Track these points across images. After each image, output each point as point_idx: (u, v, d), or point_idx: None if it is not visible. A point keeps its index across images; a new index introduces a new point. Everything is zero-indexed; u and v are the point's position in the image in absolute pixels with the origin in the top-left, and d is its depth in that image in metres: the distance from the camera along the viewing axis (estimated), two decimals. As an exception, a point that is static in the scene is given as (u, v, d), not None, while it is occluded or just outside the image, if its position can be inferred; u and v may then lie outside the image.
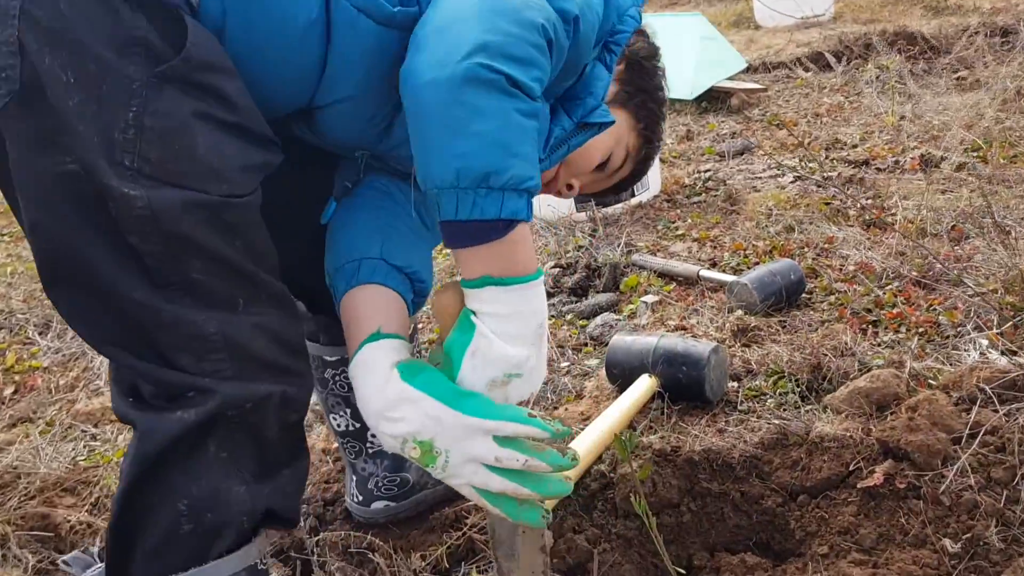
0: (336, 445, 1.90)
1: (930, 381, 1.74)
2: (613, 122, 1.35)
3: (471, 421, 1.08)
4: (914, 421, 1.52)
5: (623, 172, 1.49)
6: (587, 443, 1.72)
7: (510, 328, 1.10)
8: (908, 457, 1.51)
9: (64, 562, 1.14)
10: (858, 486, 1.52)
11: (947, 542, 1.40)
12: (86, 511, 1.81)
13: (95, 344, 1.10)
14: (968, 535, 1.39)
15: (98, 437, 2.13)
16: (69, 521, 1.74)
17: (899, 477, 1.49)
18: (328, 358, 1.64)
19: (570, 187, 1.46)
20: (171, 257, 1.01)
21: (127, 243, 0.99)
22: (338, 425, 1.70)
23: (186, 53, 1.00)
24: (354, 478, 1.74)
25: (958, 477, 1.46)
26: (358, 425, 1.67)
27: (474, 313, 1.11)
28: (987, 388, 1.59)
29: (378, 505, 1.72)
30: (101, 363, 2.48)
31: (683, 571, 1.46)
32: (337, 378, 1.65)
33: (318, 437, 2.04)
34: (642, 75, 1.43)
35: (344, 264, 1.30)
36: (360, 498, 1.73)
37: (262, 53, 1.11)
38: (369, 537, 1.67)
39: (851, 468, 1.56)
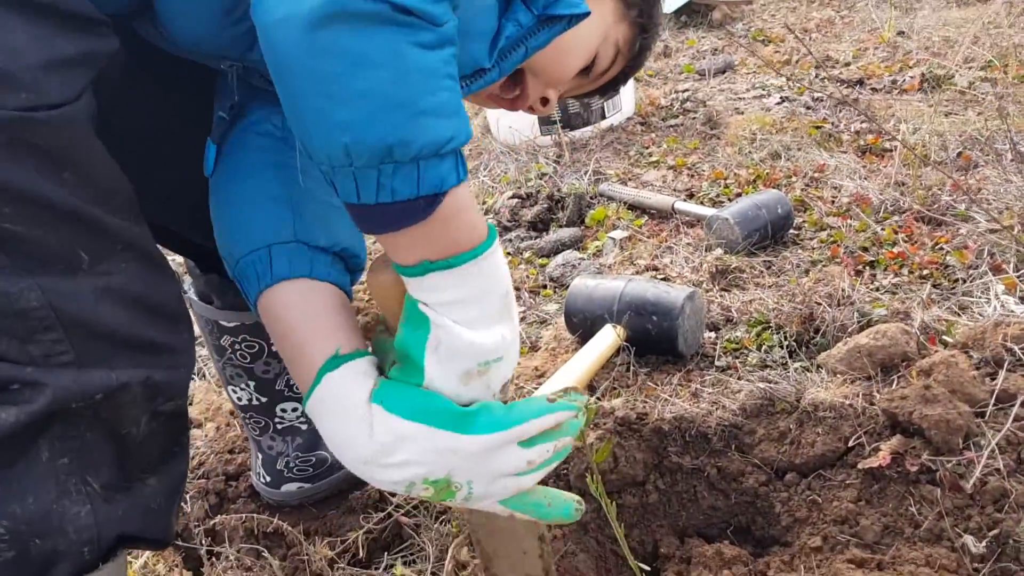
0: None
1: (944, 338, 1.47)
2: (587, 13, 1.00)
3: (491, 440, 0.85)
4: (929, 390, 1.25)
5: (612, 72, 1.16)
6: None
7: (471, 312, 0.83)
8: (921, 433, 1.25)
9: None
10: (859, 466, 1.26)
11: (969, 539, 1.15)
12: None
13: None
14: (995, 531, 1.14)
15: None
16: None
17: (910, 457, 1.23)
18: (225, 323, 1.33)
19: (545, 101, 1.13)
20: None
21: None
22: (239, 398, 1.41)
23: None
24: (260, 456, 1.47)
25: (983, 458, 1.20)
26: (264, 399, 1.39)
27: (422, 302, 0.82)
28: (1016, 348, 1.33)
29: (290, 487, 1.46)
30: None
31: (647, 568, 1.20)
32: (237, 346, 1.35)
33: (224, 397, 1.76)
34: None
35: (248, 254, 0.97)
36: (268, 479, 1.46)
37: None
38: (276, 520, 1.41)
39: (850, 444, 1.30)
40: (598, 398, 1.53)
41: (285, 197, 0.99)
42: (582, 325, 1.69)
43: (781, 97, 2.93)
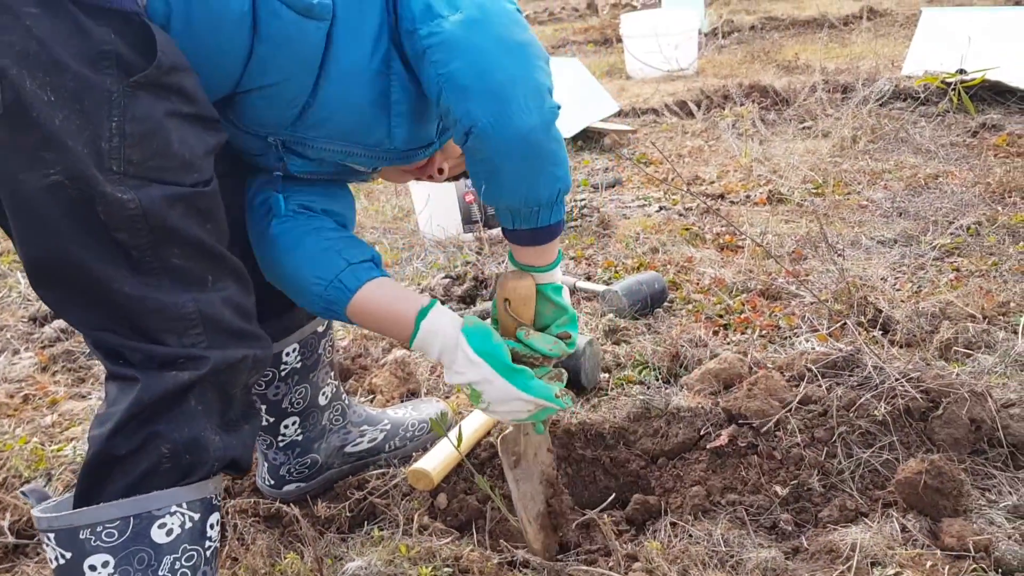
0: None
1: (768, 365, 2.05)
2: None
3: (514, 392, 1.44)
4: (752, 392, 1.81)
5: None
6: (477, 422, 1.94)
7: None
8: (748, 421, 1.79)
9: (23, 492, 1.27)
10: (707, 447, 1.79)
11: (778, 488, 1.68)
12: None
13: (84, 330, 1.24)
14: (795, 482, 1.68)
15: None
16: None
17: (740, 438, 1.77)
18: None
19: (441, 171, 1.66)
20: (155, 248, 1.17)
21: (114, 240, 1.13)
22: None
23: (158, 61, 1.14)
24: (265, 464, 1.88)
25: (788, 436, 1.75)
26: (271, 419, 1.80)
27: (554, 290, 1.54)
28: (813, 367, 1.91)
29: (289, 487, 1.88)
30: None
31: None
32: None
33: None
34: None
35: (332, 280, 1.48)
36: (272, 482, 1.88)
37: (200, 44, 1.23)
38: (277, 504, 1.83)
39: (702, 433, 1.83)
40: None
41: (334, 239, 1.51)
42: (507, 366, 2.20)
43: (659, 206, 3.58)
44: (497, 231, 3.36)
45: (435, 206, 3.35)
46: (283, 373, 1.75)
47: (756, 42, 7.81)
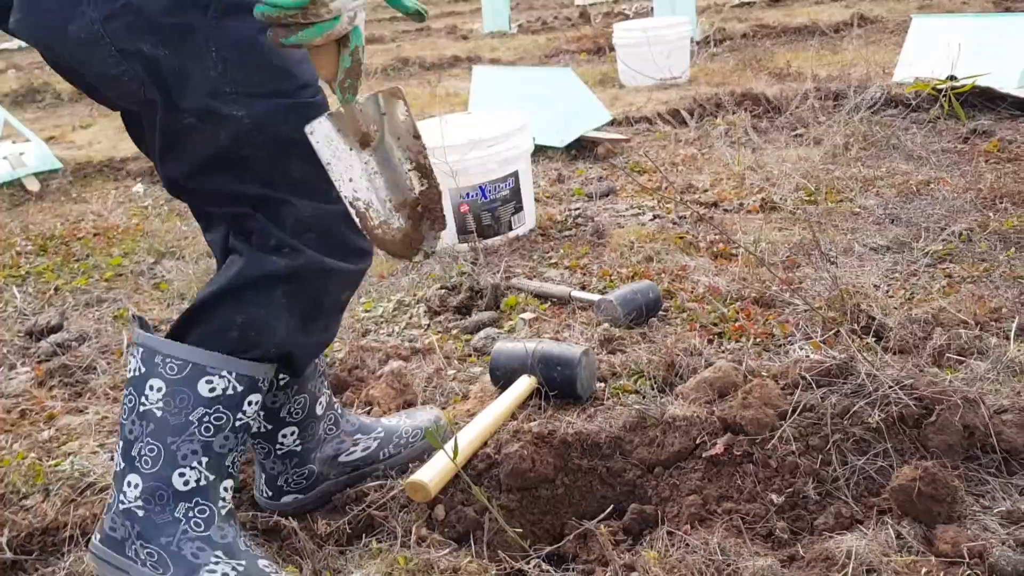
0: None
1: (762, 373, 2.06)
2: None
3: None
4: (747, 400, 1.82)
5: None
6: (473, 432, 1.95)
7: None
8: (743, 430, 1.81)
9: (132, 316, 1.62)
10: (703, 456, 1.80)
11: (773, 496, 1.69)
12: None
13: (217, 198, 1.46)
14: (791, 490, 1.69)
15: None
16: None
17: (736, 447, 1.78)
18: None
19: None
20: (274, 160, 1.36)
21: (242, 157, 1.35)
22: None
23: None
24: (263, 475, 1.89)
25: (783, 445, 1.77)
26: (269, 427, 1.81)
27: None
28: (807, 376, 1.92)
29: (287, 499, 1.88)
30: None
31: (523, 543, 1.69)
32: None
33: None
34: None
35: None
36: (269, 493, 1.88)
37: None
38: (276, 516, 1.83)
39: (697, 442, 1.84)
40: (519, 421, 2.04)
41: None
42: (503, 377, 2.21)
43: (653, 215, 3.60)
44: (491, 241, 3.37)
45: (430, 217, 3.36)
46: (282, 382, 1.76)
47: (748, 50, 7.85)
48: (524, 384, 2.15)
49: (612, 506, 1.82)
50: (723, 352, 2.31)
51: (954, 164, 3.86)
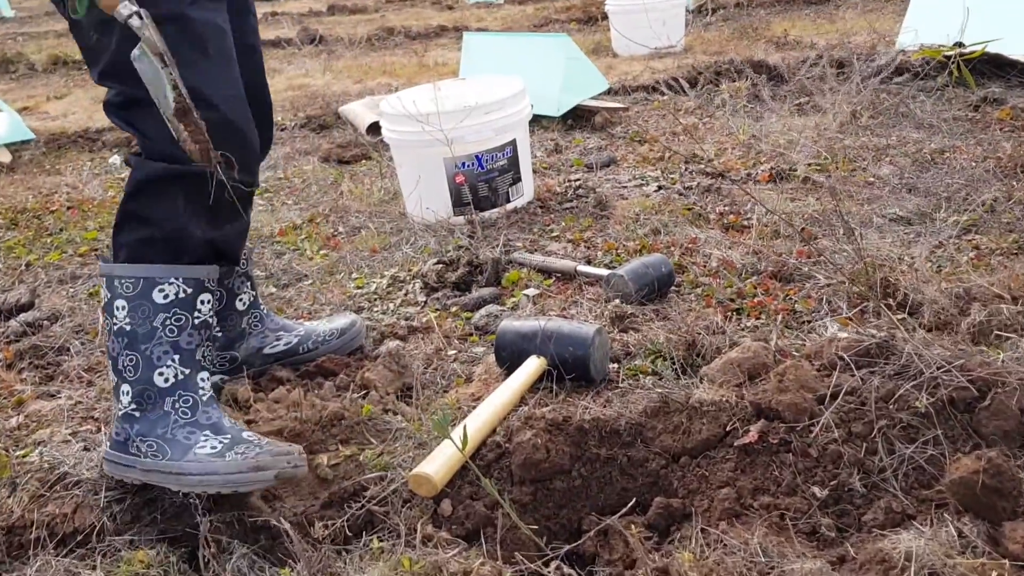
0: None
1: (794, 352, 1.91)
2: None
3: None
4: (783, 383, 1.66)
5: None
6: (481, 418, 1.78)
7: None
8: (779, 416, 1.65)
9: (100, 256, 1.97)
10: (735, 444, 1.65)
11: (816, 489, 1.54)
12: None
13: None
14: (834, 482, 1.54)
15: None
16: None
17: (771, 434, 1.63)
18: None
19: None
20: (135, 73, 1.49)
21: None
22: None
23: None
24: None
25: (823, 432, 1.61)
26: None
27: None
28: (845, 356, 1.76)
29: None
30: None
31: (540, 541, 1.53)
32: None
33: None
34: None
35: None
36: None
37: None
38: (263, 517, 1.67)
39: (728, 429, 1.68)
40: (529, 407, 1.87)
41: None
42: (511, 358, 2.04)
43: (658, 186, 3.43)
44: (488, 213, 3.19)
45: (424, 188, 3.18)
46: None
47: (743, 19, 7.66)
48: (533, 365, 1.98)
49: (635, 499, 1.66)
50: (745, 331, 2.15)
51: (968, 132, 3.70)
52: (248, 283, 2.11)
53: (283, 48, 8.51)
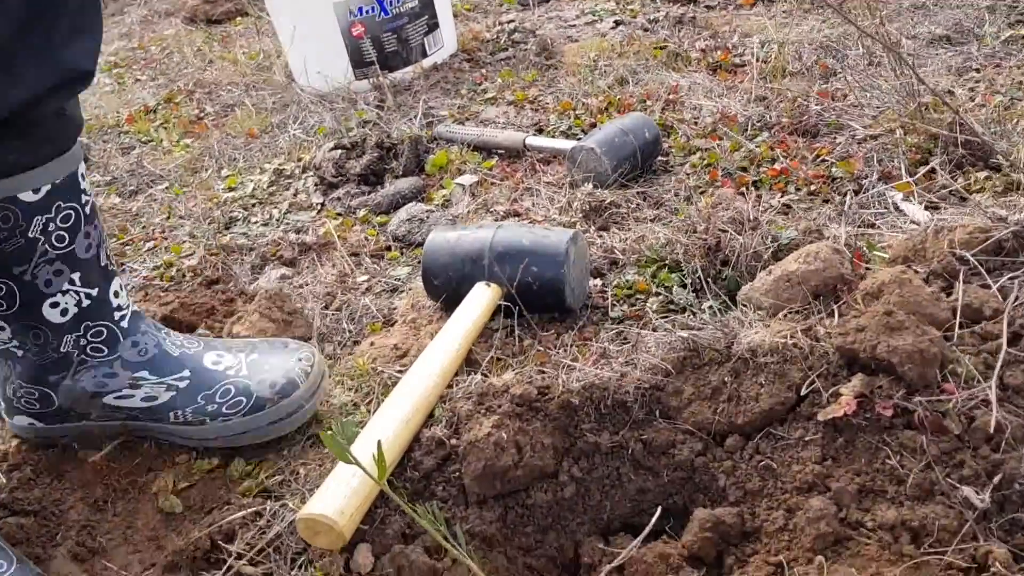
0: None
1: (875, 253, 1.27)
2: None
3: None
4: (892, 317, 1.02)
5: None
6: (406, 403, 1.13)
7: None
8: (887, 369, 1.02)
9: None
10: (818, 418, 1.03)
11: (968, 490, 0.93)
12: None
13: None
14: (996, 476, 0.93)
15: None
16: None
17: (879, 399, 1.01)
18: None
19: None
20: None
21: None
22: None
23: None
24: None
25: (961, 390, 0.99)
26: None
27: None
28: (968, 255, 1.13)
29: (19, 420, 1.21)
30: None
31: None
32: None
33: None
34: None
35: None
36: (2, 404, 1.24)
37: None
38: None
39: (803, 392, 1.06)
40: (484, 374, 1.22)
41: None
42: (446, 288, 1.38)
43: (615, 21, 2.69)
44: (400, 73, 2.44)
45: (309, 43, 2.39)
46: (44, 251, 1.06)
47: None
48: (482, 298, 1.32)
49: (659, 507, 1.05)
50: (776, 215, 1.50)
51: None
52: (78, 273, 1.11)
53: None
